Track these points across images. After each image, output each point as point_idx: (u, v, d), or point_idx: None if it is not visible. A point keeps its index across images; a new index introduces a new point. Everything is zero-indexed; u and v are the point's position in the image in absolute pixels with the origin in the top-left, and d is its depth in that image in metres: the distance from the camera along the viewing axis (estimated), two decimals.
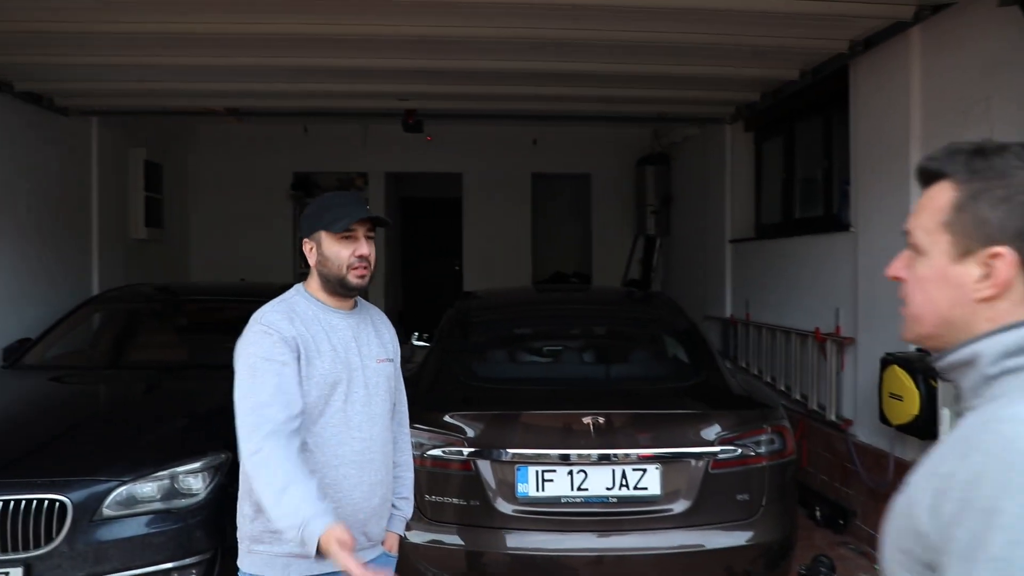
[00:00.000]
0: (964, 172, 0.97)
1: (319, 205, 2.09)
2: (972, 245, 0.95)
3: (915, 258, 1.01)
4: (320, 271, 2.05)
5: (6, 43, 4.68)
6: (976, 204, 0.95)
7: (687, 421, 3.11)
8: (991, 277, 0.94)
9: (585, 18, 4.33)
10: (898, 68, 4.34)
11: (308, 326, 1.99)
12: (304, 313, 2.02)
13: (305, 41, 4.70)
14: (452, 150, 9.39)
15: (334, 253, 2.01)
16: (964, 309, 0.96)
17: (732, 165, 7.10)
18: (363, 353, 2.08)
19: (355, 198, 2.15)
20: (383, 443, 2.11)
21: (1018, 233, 0.93)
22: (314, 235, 2.05)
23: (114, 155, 7.25)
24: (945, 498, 0.85)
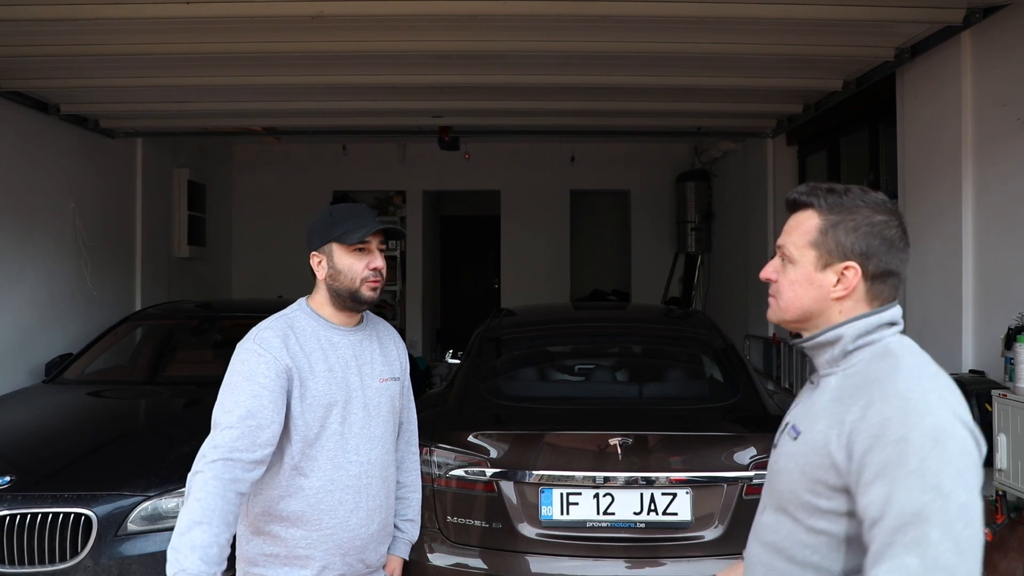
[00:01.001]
0: (825, 206, 1.35)
1: (330, 217, 1.99)
2: (831, 260, 1.34)
3: (786, 265, 1.39)
4: (330, 285, 1.96)
5: (51, 67, 4.82)
6: (835, 231, 1.33)
7: (720, 443, 2.96)
8: (843, 283, 1.33)
9: (620, 30, 4.26)
10: (948, 75, 4.15)
11: (304, 345, 1.91)
12: (303, 331, 1.94)
13: (339, 58, 4.72)
14: (490, 168, 9.39)
15: (347, 266, 1.94)
16: (823, 304, 1.35)
17: (774, 180, 6.91)
18: (364, 372, 1.99)
19: (366, 210, 2.04)
20: (383, 466, 2.00)
21: (862, 253, 1.32)
22: (324, 247, 1.97)
23: (158, 175, 7.43)
24: (856, 438, 1.19)
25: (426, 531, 2.98)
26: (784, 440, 1.38)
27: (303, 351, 1.90)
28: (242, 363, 1.85)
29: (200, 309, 5.99)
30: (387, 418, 2.03)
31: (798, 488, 1.29)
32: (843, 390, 1.28)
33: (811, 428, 1.29)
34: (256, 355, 1.85)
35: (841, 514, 1.23)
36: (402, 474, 2.18)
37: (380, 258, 1.98)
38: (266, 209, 9.44)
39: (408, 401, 2.21)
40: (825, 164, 6.32)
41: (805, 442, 1.30)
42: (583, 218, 10.40)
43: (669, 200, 9.32)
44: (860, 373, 1.28)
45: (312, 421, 1.88)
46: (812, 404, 1.34)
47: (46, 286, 5.76)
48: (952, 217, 4.07)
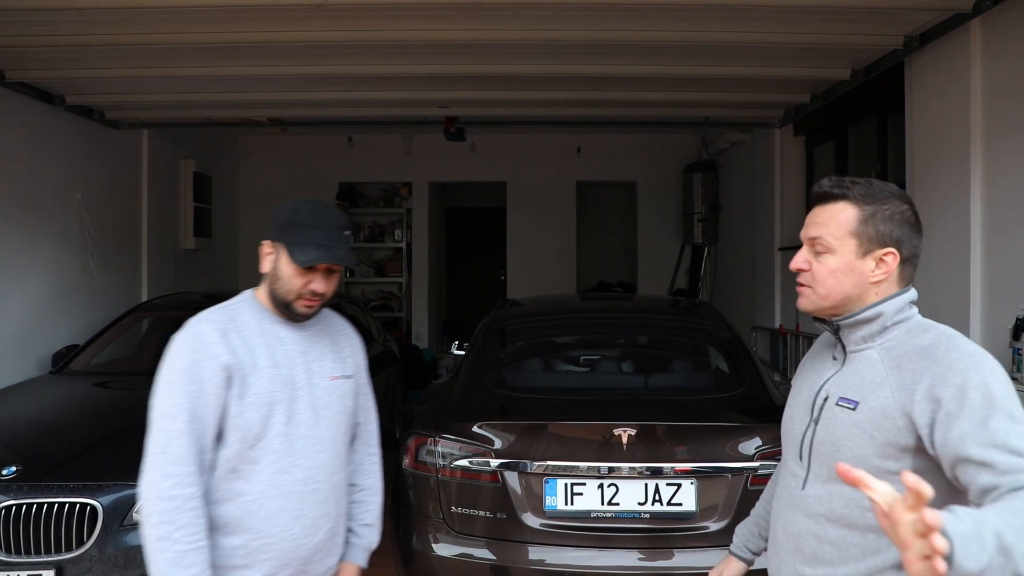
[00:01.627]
0: (859, 197, 1.46)
1: (292, 216, 1.82)
2: (871, 247, 1.45)
3: (822, 255, 1.48)
4: (270, 284, 1.84)
5: (56, 58, 4.82)
6: (873, 220, 1.45)
7: (725, 434, 2.94)
8: (883, 268, 1.45)
9: (626, 18, 4.22)
10: (957, 64, 4.10)
11: (246, 339, 1.78)
12: (245, 324, 1.80)
13: (344, 48, 4.70)
14: (496, 159, 9.37)
15: (287, 277, 1.79)
16: (862, 288, 1.47)
17: (782, 170, 6.87)
18: (312, 370, 1.85)
19: (332, 224, 1.82)
20: (331, 471, 1.87)
21: (898, 239, 1.45)
22: (277, 244, 1.82)
23: (164, 166, 7.43)
24: (942, 393, 1.30)
25: (431, 521, 2.98)
26: (836, 412, 1.45)
27: (245, 345, 1.77)
28: (179, 359, 1.72)
29: (206, 300, 5.97)
30: (337, 419, 1.90)
31: (867, 453, 1.38)
32: (900, 359, 1.40)
33: (871, 396, 1.40)
34: (191, 350, 1.72)
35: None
36: (360, 477, 2.08)
37: (323, 282, 1.82)
38: (272, 200, 9.31)
39: (365, 400, 2.08)
40: (833, 154, 6.27)
41: (870, 409, 1.40)
42: (589, 209, 10.37)
43: (676, 191, 9.28)
44: (907, 344, 1.42)
45: (253, 421, 1.74)
46: (856, 376, 1.45)
47: (52, 277, 5.78)
48: (960, 207, 4.03)
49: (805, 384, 1.60)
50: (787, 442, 1.61)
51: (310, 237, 1.78)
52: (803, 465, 1.52)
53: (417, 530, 3.00)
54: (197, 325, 1.77)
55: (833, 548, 1.44)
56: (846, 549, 1.42)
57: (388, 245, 10.14)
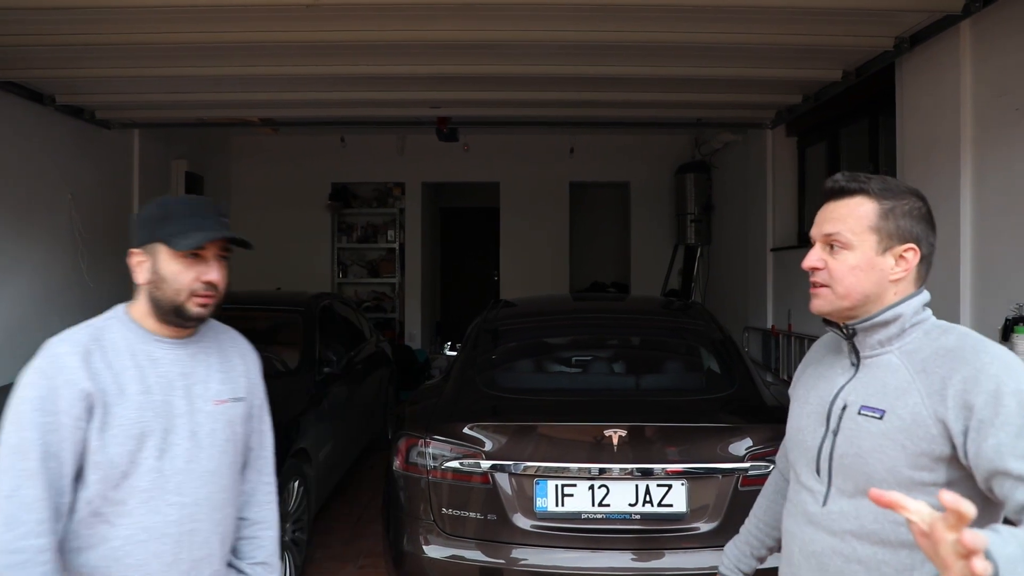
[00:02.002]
0: (877, 191, 1.39)
1: (161, 211, 1.62)
2: (891, 243, 1.38)
3: (839, 252, 1.40)
4: (152, 293, 1.61)
5: (46, 57, 4.79)
6: (894, 215, 1.38)
7: (716, 435, 2.94)
8: (902, 265, 1.38)
9: (619, 19, 4.23)
10: (947, 65, 4.12)
11: (113, 363, 1.56)
12: (113, 344, 1.59)
13: (336, 48, 4.69)
14: (489, 160, 9.37)
15: (173, 274, 1.59)
16: (881, 287, 1.39)
17: (774, 171, 6.89)
18: (193, 394, 1.63)
19: (207, 207, 1.65)
20: (214, 507, 1.64)
21: (917, 236, 1.39)
22: (149, 247, 1.61)
23: (156, 166, 7.40)
24: (974, 398, 1.23)
25: (421, 523, 2.98)
26: (858, 421, 1.36)
27: (110, 370, 1.55)
28: (31, 387, 1.50)
29: None
30: (223, 447, 1.67)
31: (898, 465, 1.30)
32: (925, 363, 1.32)
33: (899, 404, 1.32)
34: (45, 377, 1.50)
35: (940, 485, 1.26)
36: (251, 510, 1.82)
37: (216, 269, 1.62)
38: (264, 201, 9.42)
39: (260, 424, 1.85)
40: (825, 155, 6.29)
41: (899, 418, 1.31)
42: (583, 210, 10.37)
43: (669, 192, 9.30)
44: (928, 346, 1.35)
45: (118, 456, 1.51)
46: (878, 382, 1.37)
47: (42, 278, 5.75)
48: (950, 207, 4.05)
49: (813, 392, 1.50)
50: (798, 455, 1.50)
51: (188, 223, 1.59)
52: (822, 480, 1.41)
53: (408, 531, 2.99)
54: (54, 347, 1.55)
55: (862, 567, 1.34)
56: (877, 567, 1.33)
57: (381, 246, 10.12)
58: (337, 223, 9.98)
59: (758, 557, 1.79)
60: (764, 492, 1.81)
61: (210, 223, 1.61)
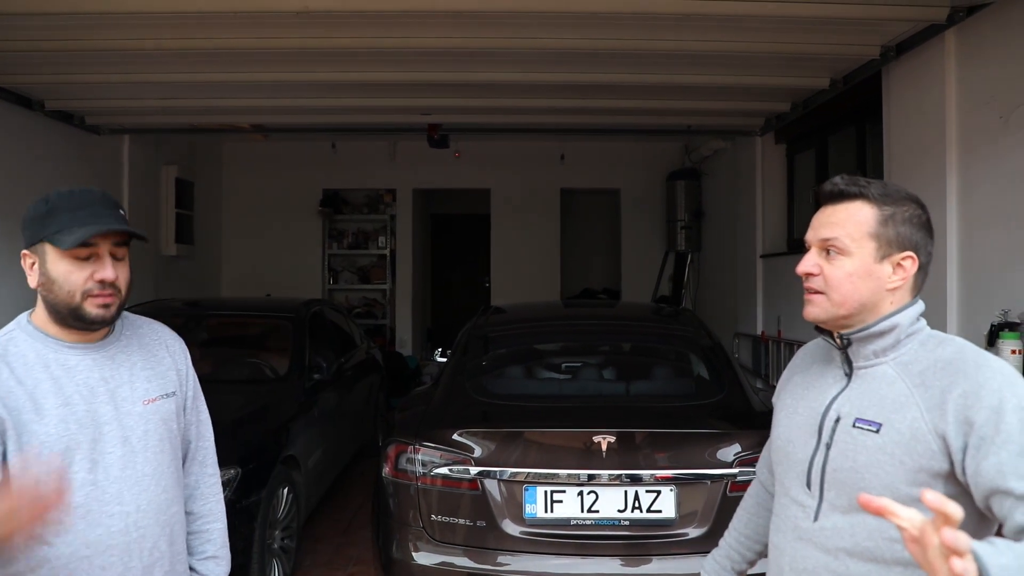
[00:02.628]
0: (876, 196, 1.34)
1: (44, 207, 1.48)
2: (889, 251, 1.34)
3: (836, 258, 1.35)
4: (45, 297, 1.49)
5: (36, 62, 4.78)
6: (893, 221, 1.34)
7: (704, 440, 2.95)
8: (900, 273, 1.34)
9: (609, 27, 4.25)
10: (932, 73, 4.17)
11: (24, 376, 1.45)
12: (21, 357, 1.48)
13: (327, 55, 4.70)
14: (480, 166, 9.38)
15: (63, 275, 1.46)
16: (878, 295, 1.34)
17: (763, 178, 6.93)
18: (119, 396, 1.53)
19: (98, 199, 1.51)
20: (159, 510, 1.56)
21: (916, 243, 1.35)
22: (37, 247, 1.49)
23: (146, 172, 7.38)
24: (974, 414, 1.19)
25: (411, 529, 2.97)
26: (854, 435, 1.32)
27: (22, 386, 1.44)
28: None
29: (187, 307, 5.95)
30: (159, 447, 1.58)
31: (896, 481, 1.26)
32: (923, 375, 1.28)
33: (897, 418, 1.28)
34: None
35: None
36: (196, 503, 1.74)
37: (111, 267, 1.48)
38: (255, 207, 9.40)
39: (196, 415, 1.74)
40: (813, 162, 6.33)
41: (897, 432, 1.27)
42: (573, 217, 10.39)
43: (659, 199, 9.33)
44: (925, 358, 1.31)
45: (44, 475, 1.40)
46: (873, 395, 1.32)
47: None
48: (937, 213, 4.06)
49: (802, 403, 1.44)
50: (785, 468, 1.45)
51: (76, 220, 1.45)
52: (812, 494, 1.37)
53: (397, 538, 2.99)
54: None
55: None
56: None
57: (372, 252, 10.11)
58: (328, 229, 9.97)
59: (739, 571, 1.75)
60: (744, 505, 1.77)
61: (100, 217, 1.47)
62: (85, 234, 1.44)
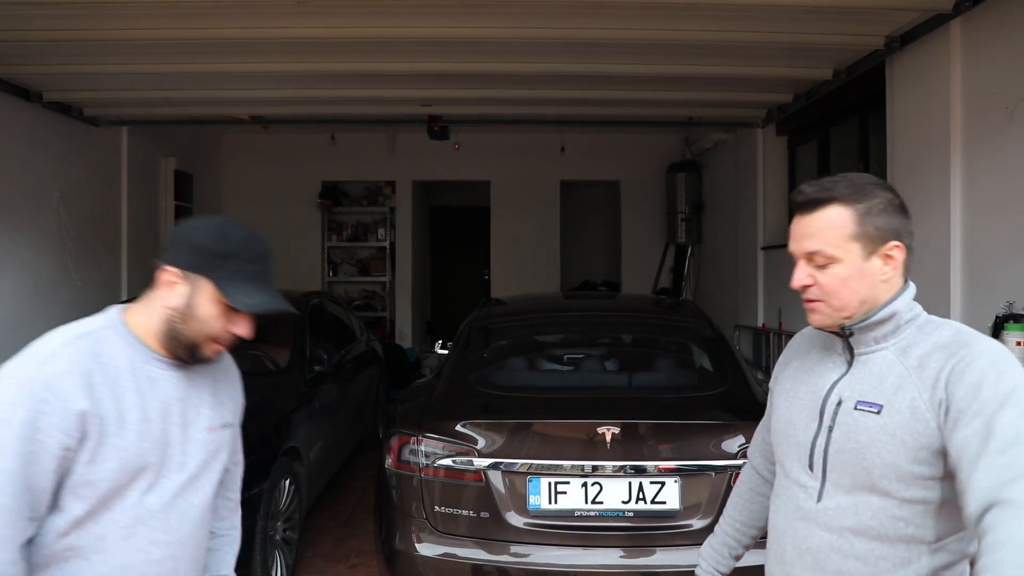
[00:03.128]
0: (848, 195, 1.35)
1: (222, 245, 1.44)
2: (875, 246, 1.35)
3: (827, 267, 1.36)
4: (173, 323, 1.43)
5: (32, 52, 4.74)
6: (870, 216, 1.34)
7: (708, 432, 2.95)
8: (892, 263, 1.36)
9: (610, 17, 4.23)
10: (937, 64, 4.14)
11: (114, 384, 1.37)
12: (113, 361, 1.39)
13: (326, 45, 4.67)
14: (480, 158, 9.35)
15: (207, 316, 1.43)
16: (875, 290, 1.37)
17: (764, 170, 6.91)
18: (187, 420, 1.48)
19: (266, 255, 1.50)
20: (197, 543, 1.53)
21: (898, 230, 1.36)
22: (192, 276, 1.43)
23: (144, 164, 7.34)
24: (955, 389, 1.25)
25: (414, 521, 2.96)
26: (855, 416, 1.35)
27: (112, 393, 1.36)
28: (18, 408, 1.28)
29: None
30: (210, 479, 1.54)
31: (898, 460, 1.29)
32: (921, 359, 1.32)
33: (897, 399, 1.31)
34: (38, 399, 1.29)
35: (939, 479, 1.28)
36: (217, 524, 1.70)
37: (249, 327, 1.48)
38: (254, 199, 9.36)
39: (236, 443, 1.70)
40: (815, 154, 6.31)
41: (898, 412, 1.31)
42: (573, 209, 10.37)
43: (659, 191, 9.31)
44: (923, 341, 1.34)
45: (106, 489, 1.35)
46: (874, 378, 1.36)
47: (30, 277, 5.69)
48: (940, 206, 4.07)
49: (803, 387, 1.47)
50: (787, 450, 1.47)
51: (247, 274, 1.44)
52: (815, 476, 1.39)
53: (400, 530, 2.98)
54: (49, 363, 1.33)
55: (861, 563, 1.33)
56: (875, 563, 1.32)
57: (371, 244, 10.08)
58: (327, 222, 9.94)
59: (735, 556, 1.77)
60: (738, 491, 1.79)
61: (266, 280, 1.47)
62: (263, 306, 1.44)
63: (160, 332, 1.45)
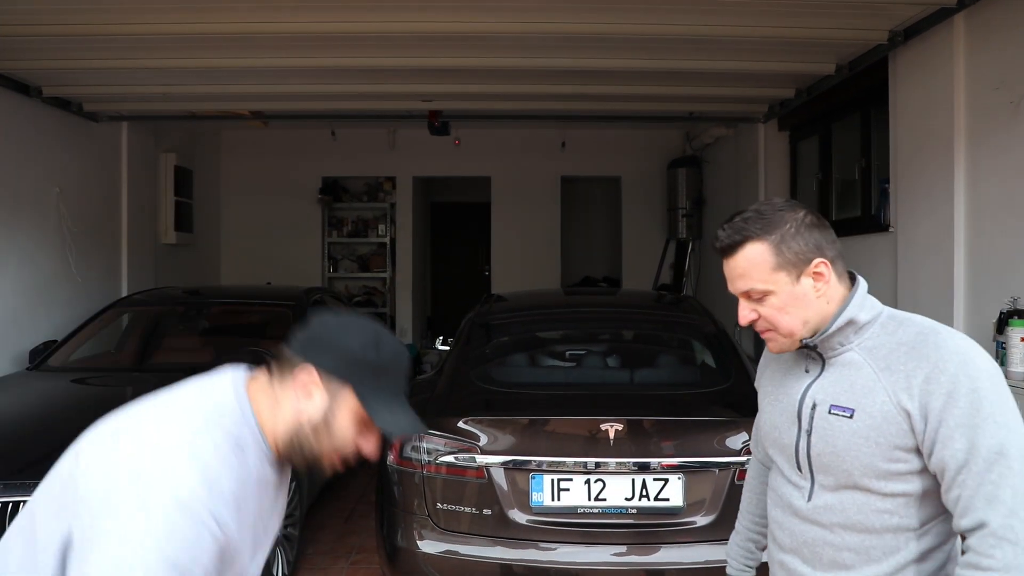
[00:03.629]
0: (759, 231, 1.40)
1: (378, 358, 1.31)
2: (800, 268, 1.41)
3: (763, 301, 1.43)
4: (302, 433, 1.30)
5: (31, 47, 4.72)
6: (786, 244, 1.40)
7: (712, 428, 2.94)
8: (822, 279, 1.41)
9: (611, 11, 4.20)
10: (941, 59, 4.12)
11: (245, 485, 1.25)
12: (249, 475, 1.26)
13: (326, 40, 4.64)
14: (480, 154, 9.33)
15: (343, 431, 1.31)
16: (815, 307, 1.42)
17: (766, 165, 6.89)
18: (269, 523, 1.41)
19: (407, 366, 1.38)
20: None
21: (817, 247, 1.41)
22: (335, 383, 1.29)
23: (144, 160, 7.32)
24: (931, 398, 1.30)
25: (416, 518, 2.96)
26: (830, 421, 1.41)
27: (244, 510, 1.25)
28: (173, 537, 1.10)
29: (187, 295, 5.93)
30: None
31: (875, 459, 1.36)
32: (887, 360, 1.37)
33: (868, 402, 1.37)
34: (199, 524, 1.13)
35: (916, 472, 1.35)
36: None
37: (378, 447, 1.38)
38: (255, 195, 9.35)
39: None
40: (817, 149, 6.29)
41: (869, 415, 1.36)
42: (574, 204, 10.35)
43: (660, 186, 9.29)
44: (888, 341, 1.39)
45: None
46: (844, 381, 1.41)
47: (30, 272, 5.68)
48: (944, 201, 4.05)
49: (781, 390, 1.54)
50: (775, 450, 1.55)
51: (392, 391, 1.32)
52: (804, 476, 1.47)
53: (402, 527, 2.97)
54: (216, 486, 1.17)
55: (853, 553, 1.42)
56: (866, 552, 1.41)
57: (372, 240, 10.07)
58: (327, 217, 9.92)
59: (760, 548, 1.81)
60: (749, 485, 1.84)
61: (412, 413, 1.36)
62: (408, 429, 1.34)
63: (284, 439, 1.31)
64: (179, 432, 1.20)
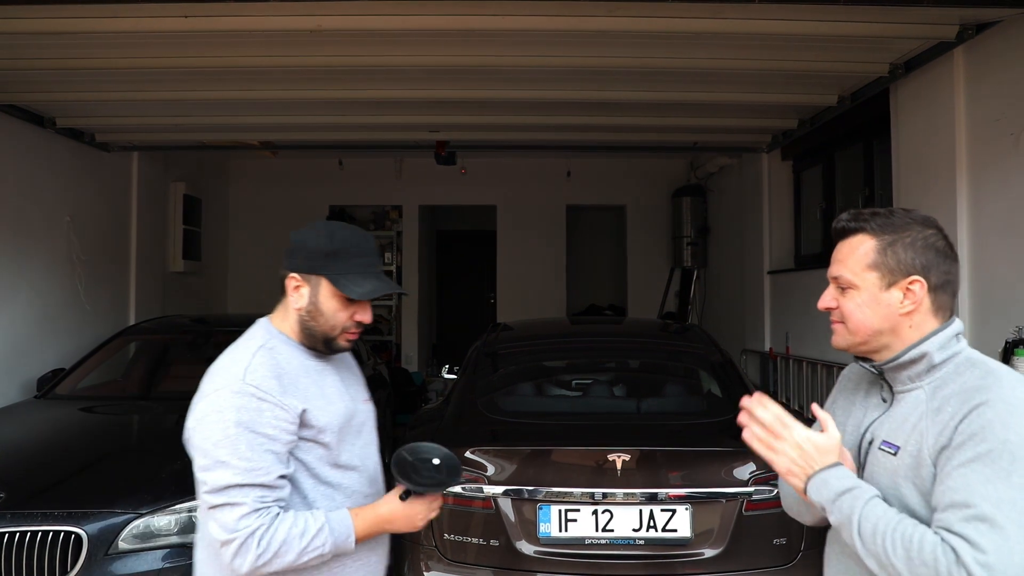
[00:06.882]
0: (876, 227, 1.40)
1: (330, 243, 1.70)
2: (895, 278, 1.38)
3: (847, 292, 1.42)
4: (306, 322, 1.72)
5: (47, 80, 4.81)
6: (893, 249, 1.38)
7: (720, 459, 2.93)
8: (911, 297, 1.37)
9: (616, 45, 4.27)
10: (941, 91, 4.18)
11: (298, 380, 1.69)
12: (288, 363, 1.69)
13: (336, 73, 4.72)
14: (486, 183, 9.41)
15: (331, 311, 1.71)
16: (892, 321, 1.39)
17: (770, 195, 6.93)
18: (353, 394, 1.86)
19: (372, 247, 1.76)
20: (378, 472, 1.93)
21: (923, 266, 1.37)
22: (311, 277, 1.71)
23: (154, 189, 7.41)
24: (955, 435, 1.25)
25: (423, 548, 2.95)
26: (878, 456, 1.38)
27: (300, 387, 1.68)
28: (238, 410, 1.57)
29: (194, 324, 5.96)
30: (374, 433, 1.93)
31: (911, 502, 1.30)
32: (943, 401, 1.31)
33: (911, 441, 1.33)
34: (256, 399, 1.59)
35: None
36: None
37: (370, 311, 1.75)
38: (262, 223, 9.42)
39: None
40: (820, 179, 6.34)
41: (908, 455, 1.32)
42: (579, 233, 10.41)
43: (665, 215, 9.34)
44: (951, 383, 1.33)
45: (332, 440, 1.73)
46: (901, 419, 1.37)
47: (40, 300, 5.72)
48: (947, 231, 4.05)
49: (849, 422, 1.50)
50: None
51: (357, 266, 1.70)
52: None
53: (409, 557, 2.96)
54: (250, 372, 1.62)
55: None
56: None
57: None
58: None
59: None
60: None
61: (378, 271, 1.73)
62: (375, 291, 1.69)
63: (299, 332, 1.73)
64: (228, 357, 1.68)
